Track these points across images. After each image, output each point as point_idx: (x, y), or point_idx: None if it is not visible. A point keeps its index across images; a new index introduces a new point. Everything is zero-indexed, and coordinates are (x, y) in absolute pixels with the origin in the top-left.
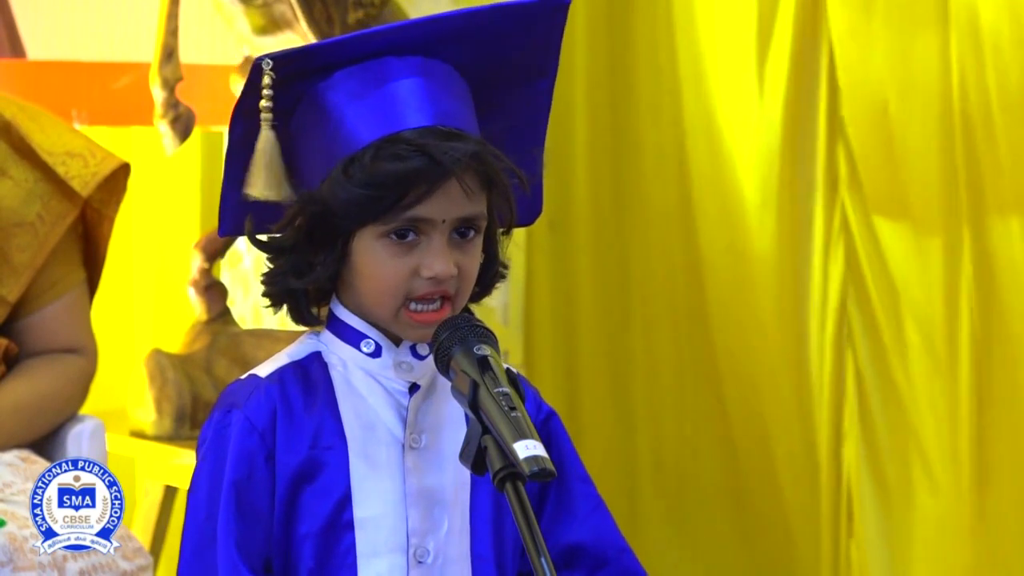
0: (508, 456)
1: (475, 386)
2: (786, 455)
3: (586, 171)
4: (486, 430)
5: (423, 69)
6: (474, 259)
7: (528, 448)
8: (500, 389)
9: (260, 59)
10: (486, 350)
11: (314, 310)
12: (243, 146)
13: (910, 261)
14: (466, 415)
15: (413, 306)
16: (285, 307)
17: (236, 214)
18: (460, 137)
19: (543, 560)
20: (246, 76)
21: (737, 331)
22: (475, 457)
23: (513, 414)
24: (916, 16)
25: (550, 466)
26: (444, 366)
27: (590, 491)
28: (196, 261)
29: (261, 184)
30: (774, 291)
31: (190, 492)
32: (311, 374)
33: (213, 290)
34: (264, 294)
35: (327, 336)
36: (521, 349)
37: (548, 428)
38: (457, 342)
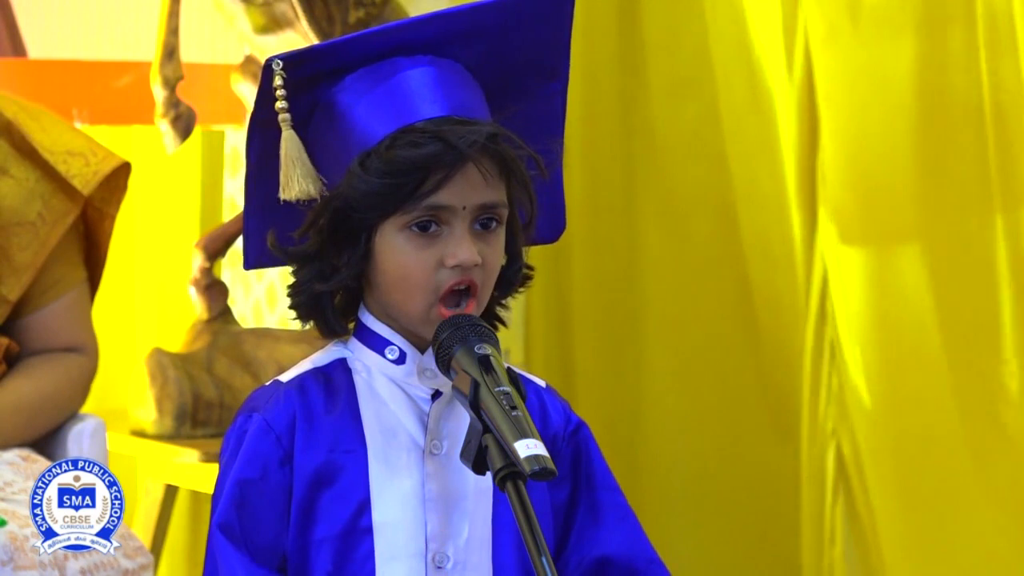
0: (509, 455)
1: (476, 385)
2: (787, 455)
3: (584, 167)
4: (487, 429)
5: (434, 63)
6: (497, 251)
7: (529, 447)
8: (501, 388)
9: (270, 60)
10: (487, 349)
11: (343, 322)
12: (264, 165)
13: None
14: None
15: (443, 308)
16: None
17: (263, 244)
18: (476, 123)
19: (544, 560)
20: (247, 75)
21: (738, 331)
22: (476, 456)
23: (514, 413)
24: (893, 21)
25: (551, 465)
26: (445, 365)
27: (619, 501)
28: (197, 260)
29: (296, 181)
30: (773, 292)
31: (212, 495)
32: (334, 380)
33: (214, 289)
34: (291, 306)
35: (353, 343)
36: (522, 348)
37: (577, 438)
38: (458, 341)
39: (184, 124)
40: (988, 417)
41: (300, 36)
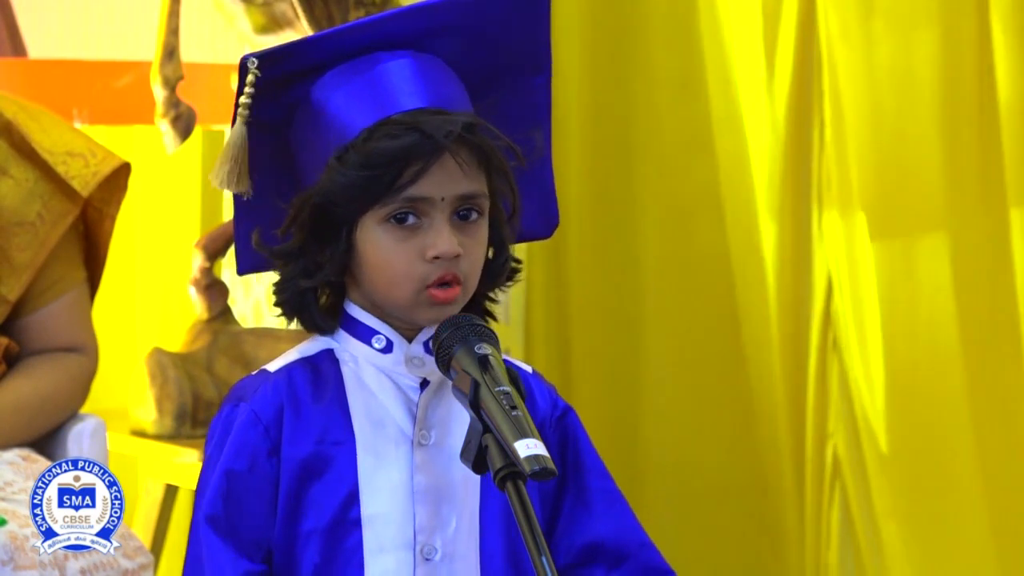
0: (509, 455)
1: (476, 385)
2: (786, 455)
3: (583, 165)
4: (487, 429)
5: (414, 56)
6: (478, 242)
7: (529, 447)
8: (501, 388)
9: (245, 58)
10: (487, 349)
11: (329, 320)
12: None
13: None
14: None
15: (434, 290)
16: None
17: (254, 250)
18: (452, 113)
19: (544, 559)
20: None
21: (737, 330)
22: (476, 456)
23: (514, 413)
24: (916, 13)
25: (551, 465)
26: (445, 365)
27: (608, 486)
28: (197, 260)
29: (224, 175)
30: (775, 291)
31: (197, 485)
32: (321, 370)
33: (214, 289)
34: (276, 303)
35: (340, 334)
36: (522, 347)
37: (564, 424)
38: (458, 341)
39: (184, 124)
40: (1001, 420)
41: (300, 36)
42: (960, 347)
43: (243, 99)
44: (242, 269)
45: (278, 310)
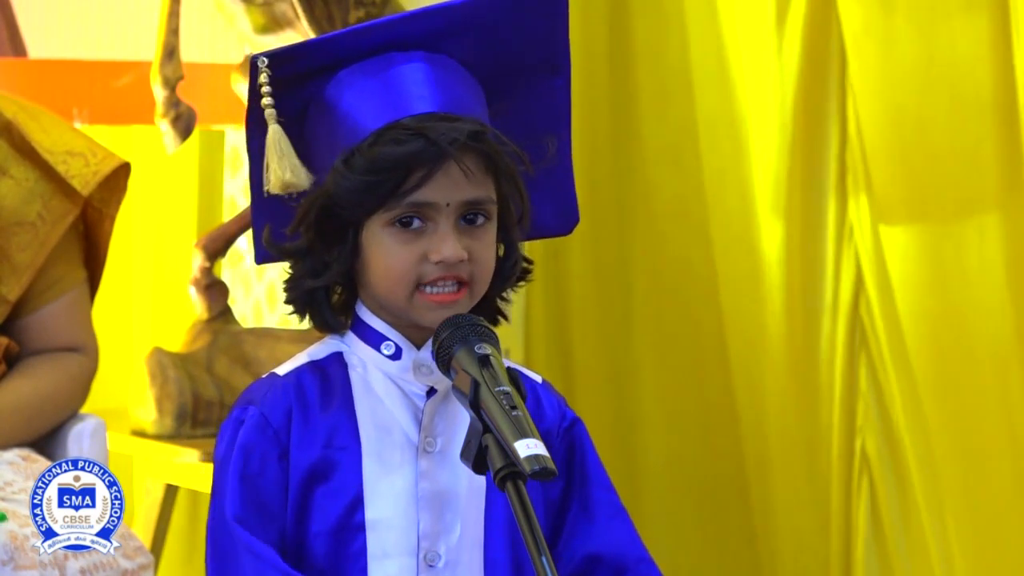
0: (509, 455)
1: (476, 385)
2: (794, 456)
3: (584, 165)
4: (487, 429)
5: (427, 59)
6: (486, 245)
7: (529, 447)
8: (501, 388)
9: (255, 58)
10: (487, 349)
11: (341, 318)
12: (262, 160)
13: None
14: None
15: (427, 289)
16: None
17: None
18: (459, 119)
19: (544, 559)
20: (247, 75)
21: (742, 330)
22: (476, 456)
23: (514, 413)
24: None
25: (551, 465)
26: (445, 365)
27: (612, 499)
28: (197, 260)
29: (278, 174)
30: (784, 290)
31: (212, 488)
32: (330, 374)
33: (214, 289)
34: (287, 301)
35: (350, 337)
36: (522, 347)
37: (572, 435)
38: (458, 341)
39: (184, 124)
40: None
41: (300, 36)
42: (995, 341)
43: (265, 100)
44: (258, 259)
45: (287, 308)
